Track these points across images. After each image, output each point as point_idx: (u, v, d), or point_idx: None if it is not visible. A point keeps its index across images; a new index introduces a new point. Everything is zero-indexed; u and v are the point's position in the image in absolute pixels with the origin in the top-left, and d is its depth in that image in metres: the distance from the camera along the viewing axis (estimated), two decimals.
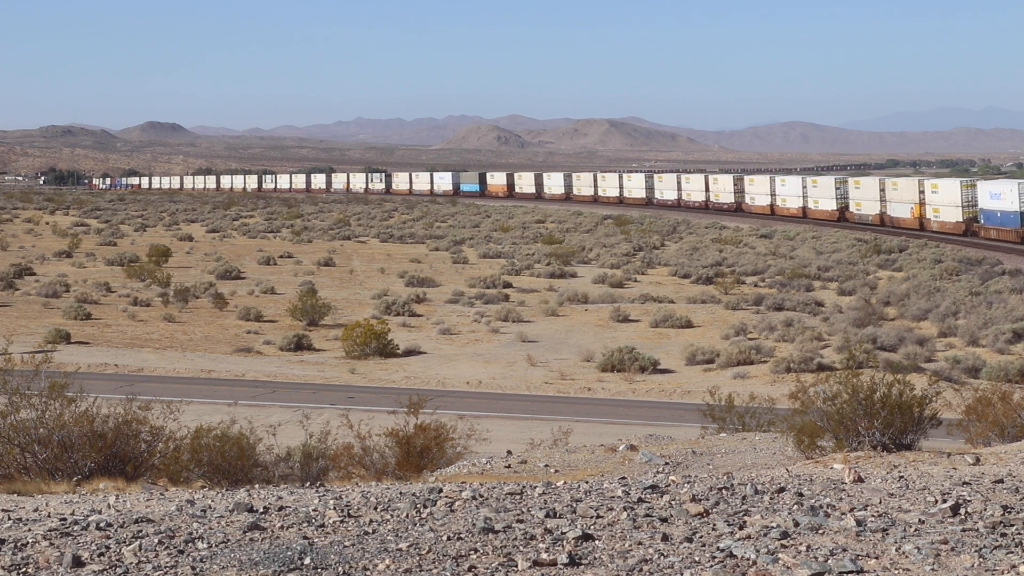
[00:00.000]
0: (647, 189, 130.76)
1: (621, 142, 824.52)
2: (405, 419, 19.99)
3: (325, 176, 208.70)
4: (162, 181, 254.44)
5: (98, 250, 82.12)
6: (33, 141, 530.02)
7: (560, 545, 8.46)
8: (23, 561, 8.31)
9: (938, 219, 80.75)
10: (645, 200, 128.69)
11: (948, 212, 79.56)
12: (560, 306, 53.58)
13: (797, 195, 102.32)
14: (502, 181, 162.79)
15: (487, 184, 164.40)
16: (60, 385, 16.16)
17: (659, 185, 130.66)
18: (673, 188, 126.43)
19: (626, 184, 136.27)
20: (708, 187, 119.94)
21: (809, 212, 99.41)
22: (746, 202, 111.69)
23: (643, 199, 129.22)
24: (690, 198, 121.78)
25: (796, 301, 52.56)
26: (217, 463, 16.70)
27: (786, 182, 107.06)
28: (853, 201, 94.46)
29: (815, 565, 7.69)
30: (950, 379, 34.58)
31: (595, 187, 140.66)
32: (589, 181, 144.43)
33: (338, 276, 67.97)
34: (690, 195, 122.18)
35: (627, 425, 31.03)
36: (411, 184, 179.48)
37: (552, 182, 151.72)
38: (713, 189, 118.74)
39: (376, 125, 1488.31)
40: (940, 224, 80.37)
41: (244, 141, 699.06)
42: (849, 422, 15.97)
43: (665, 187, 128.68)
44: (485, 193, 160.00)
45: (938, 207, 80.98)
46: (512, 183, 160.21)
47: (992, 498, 10.02)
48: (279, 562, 8.12)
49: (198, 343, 45.76)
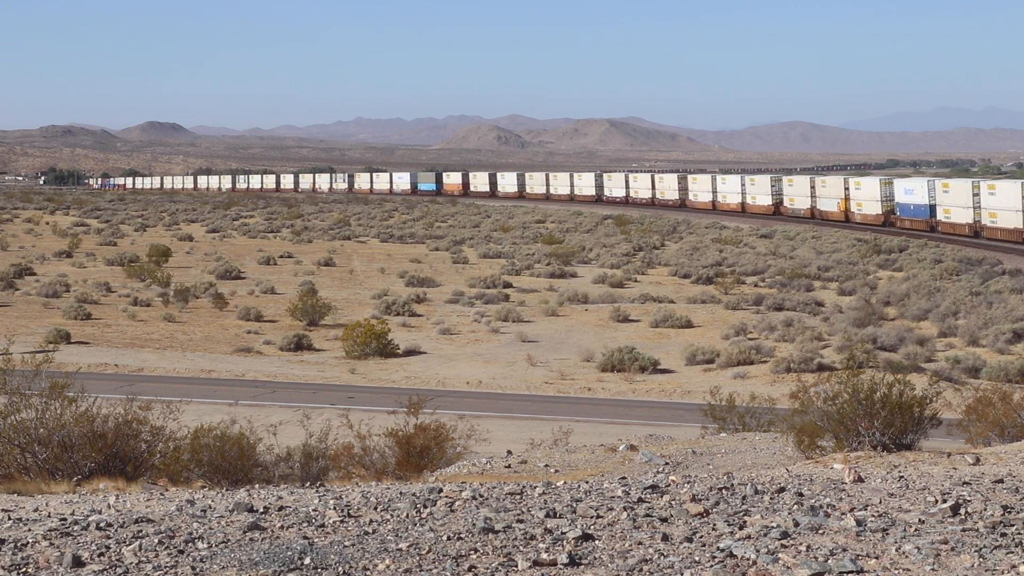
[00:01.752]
0: (597, 188, 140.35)
1: (621, 142, 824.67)
2: (405, 419, 19.99)
3: (293, 177, 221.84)
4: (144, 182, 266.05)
5: (98, 250, 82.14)
6: (33, 141, 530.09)
7: (560, 545, 8.47)
8: (23, 561, 8.31)
9: (861, 212, 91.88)
10: (595, 197, 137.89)
11: (869, 206, 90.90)
12: (560, 306, 53.58)
13: (736, 192, 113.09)
14: (457, 181, 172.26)
15: (443, 183, 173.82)
16: (60, 385, 16.16)
17: (608, 184, 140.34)
18: (621, 186, 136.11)
19: (577, 183, 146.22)
20: (654, 185, 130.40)
21: (747, 207, 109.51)
22: (689, 199, 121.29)
23: (593, 196, 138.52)
24: (637, 195, 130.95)
25: (796, 301, 52.56)
26: (217, 463, 16.71)
27: (726, 180, 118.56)
28: (787, 197, 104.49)
29: (815, 565, 7.69)
30: (950, 379, 34.58)
31: (547, 185, 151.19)
32: (542, 180, 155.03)
33: (338, 276, 67.98)
34: (637, 192, 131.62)
35: (627, 425, 31.04)
36: (371, 184, 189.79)
37: (505, 181, 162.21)
38: (659, 187, 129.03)
39: (376, 125, 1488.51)
40: (863, 216, 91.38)
41: (244, 141, 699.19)
42: (849, 422, 15.97)
43: (614, 185, 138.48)
44: (441, 192, 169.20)
45: (861, 202, 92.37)
46: (467, 182, 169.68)
47: (992, 498, 10.02)
48: (279, 562, 8.12)
49: (198, 343, 45.76)
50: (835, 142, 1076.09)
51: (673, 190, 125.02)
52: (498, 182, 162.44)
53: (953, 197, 79.29)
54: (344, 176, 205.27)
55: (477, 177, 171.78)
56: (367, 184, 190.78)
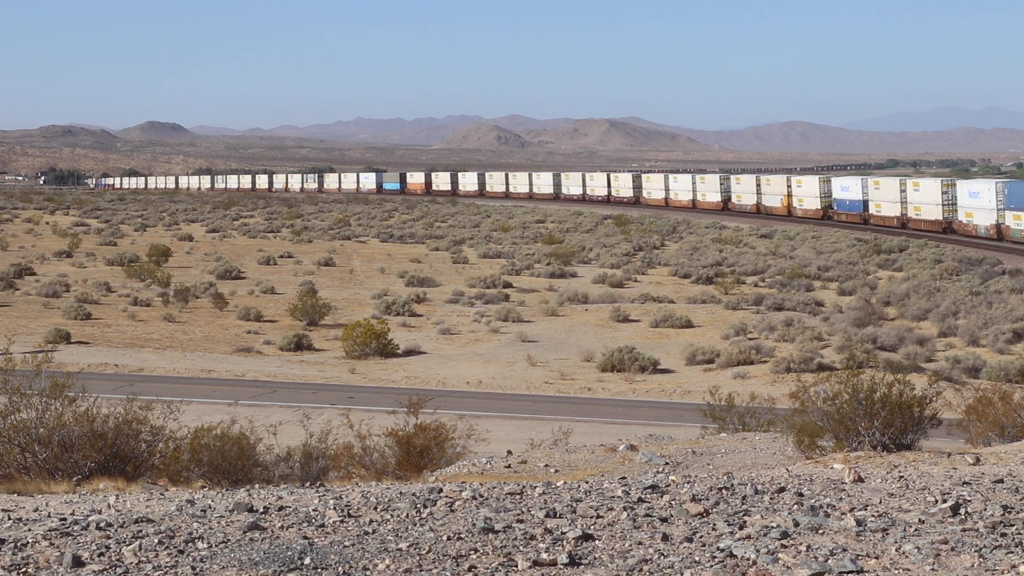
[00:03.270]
0: (555, 186, 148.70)
1: (621, 142, 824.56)
2: (405, 419, 20.00)
3: (268, 178, 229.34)
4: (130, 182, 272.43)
5: (98, 250, 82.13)
6: (33, 141, 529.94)
7: (560, 545, 8.46)
8: (23, 561, 8.31)
9: (802, 207, 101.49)
10: (553, 196, 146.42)
11: (809, 201, 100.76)
12: (560, 306, 53.58)
13: (687, 190, 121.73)
14: (420, 180, 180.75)
15: (407, 183, 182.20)
16: (60, 385, 16.16)
17: (565, 183, 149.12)
18: (578, 185, 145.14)
19: (535, 181, 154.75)
20: (610, 184, 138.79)
21: (698, 203, 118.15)
22: (643, 196, 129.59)
23: (551, 195, 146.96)
24: (594, 193, 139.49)
25: (796, 301, 52.56)
26: (217, 463, 16.70)
27: (678, 179, 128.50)
28: (735, 194, 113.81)
29: (815, 565, 7.69)
30: (950, 379, 34.58)
31: (506, 184, 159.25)
32: (501, 179, 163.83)
33: (338, 276, 67.97)
34: (593, 191, 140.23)
35: (627, 425, 31.04)
36: (340, 184, 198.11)
37: (466, 180, 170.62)
38: (615, 185, 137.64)
39: (376, 125, 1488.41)
40: (803, 211, 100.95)
41: (244, 141, 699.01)
42: (849, 422, 15.96)
43: (571, 184, 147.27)
44: (405, 191, 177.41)
45: (802, 198, 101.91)
46: (430, 181, 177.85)
47: (992, 498, 10.01)
48: (279, 562, 8.12)
49: (198, 343, 45.76)
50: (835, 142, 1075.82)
51: (628, 188, 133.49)
52: (459, 181, 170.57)
53: (883, 193, 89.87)
54: (314, 176, 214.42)
55: (439, 177, 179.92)
56: (335, 184, 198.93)
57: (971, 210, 77.89)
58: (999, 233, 73.67)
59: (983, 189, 77.67)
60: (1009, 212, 72.79)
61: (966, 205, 79.09)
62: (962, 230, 78.65)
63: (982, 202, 76.47)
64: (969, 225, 78.05)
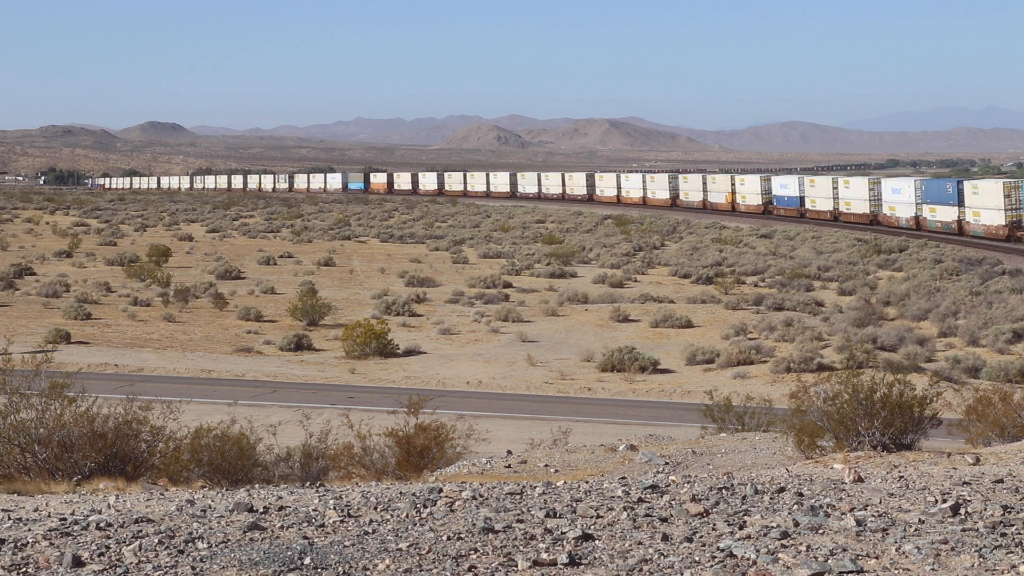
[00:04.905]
0: (511, 185, 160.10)
1: (621, 142, 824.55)
2: (405, 419, 19.99)
3: (242, 177, 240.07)
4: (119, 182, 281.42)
5: (98, 250, 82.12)
6: (33, 141, 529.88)
7: (560, 545, 8.46)
8: (23, 561, 8.31)
9: (745, 203, 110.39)
10: (509, 193, 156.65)
11: (752, 198, 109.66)
12: (560, 306, 53.57)
13: (638, 188, 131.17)
14: (383, 180, 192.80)
15: (371, 183, 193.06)
16: (60, 385, 16.15)
17: (522, 181, 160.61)
18: (534, 184, 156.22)
19: (493, 181, 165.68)
20: (564, 183, 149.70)
21: (648, 200, 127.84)
22: (596, 194, 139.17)
23: (508, 192, 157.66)
24: (548, 192, 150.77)
25: (796, 301, 52.55)
26: (217, 463, 16.70)
27: (630, 178, 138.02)
28: (683, 192, 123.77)
29: (815, 565, 7.69)
30: (950, 379, 34.56)
31: (464, 184, 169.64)
32: (459, 179, 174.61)
33: (338, 276, 67.97)
34: (548, 189, 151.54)
35: (627, 425, 31.04)
36: (308, 184, 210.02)
37: (426, 180, 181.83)
38: (568, 184, 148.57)
39: (376, 125, 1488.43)
40: (746, 207, 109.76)
41: (244, 141, 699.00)
42: (849, 422, 15.96)
43: (527, 183, 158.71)
44: (368, 191, 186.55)
45: (744, 195, 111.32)
46: (392, 181, 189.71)
47: (992, 498, 10.01)
48: (279, 562, 8.12)
49: (198, 343, 45.76)
50: (835, 142, 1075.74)
51: (581, 186, 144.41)
52: (420, 181, 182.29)
53: (818, 190, 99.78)
54: (285, 176, 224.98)
55: (400, 177, 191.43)
56: (305, 184, 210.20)
57: (894, 204, 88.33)
58: (917, 224, 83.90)
59: (904, 186, 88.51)
60: (926, 206, 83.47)
61: (890, 200, 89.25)
62: (886, 222, 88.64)
63: (903, 197, 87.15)
64: (892, 217, 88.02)
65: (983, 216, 76.33)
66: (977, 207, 77.09)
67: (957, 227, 79.13)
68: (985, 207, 75.92)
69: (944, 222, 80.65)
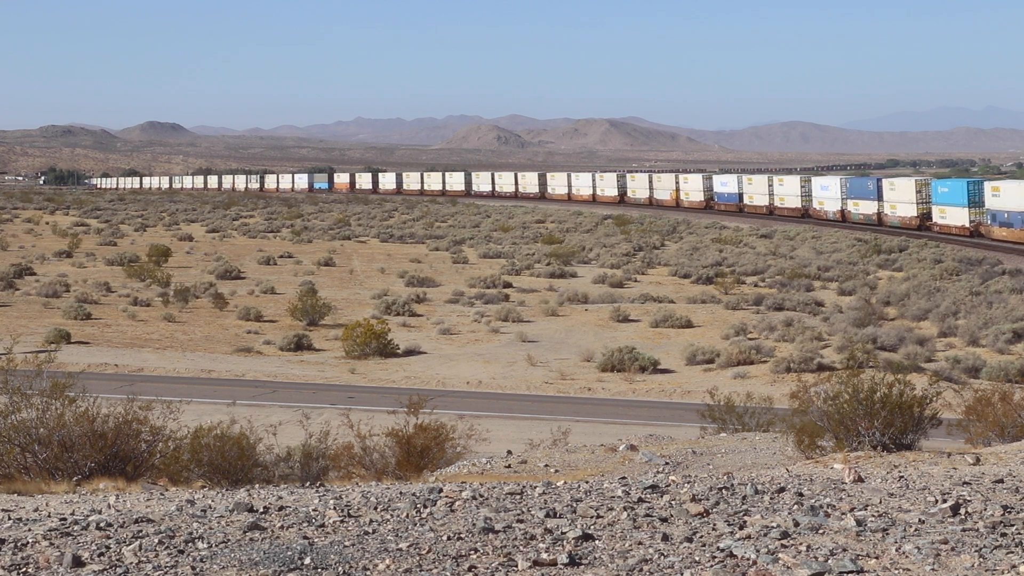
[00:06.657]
0: (466, 183, 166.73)
1: (621, 142, 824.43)
2: (405, 419, 19.98)
3: (217, 178, 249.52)
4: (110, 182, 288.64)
5: (98, 250, 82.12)
6: (33, 141, 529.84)
7: (560, 545, 8.46)
8: (23, 561, 8.30)
9: (688, 200, 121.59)
10: (464, 192, 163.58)
11: (694, 195, 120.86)
12: (560, 306, 53.57)
13: (588, 186, 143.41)
14: (346, 180, 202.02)
15: (334, 183, 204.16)
16: (61, 385, 16.15)
17: (476, 180, 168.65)
18: (488, 182, 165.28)
19: (448, 180, 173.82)
20: (517, 181, 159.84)
21: (597, 198, 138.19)
22: (548, 192, 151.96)
23: (463, 191, 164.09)
24: (503, 190, 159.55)
25: (796, 301, 52.55)
26: (217, 463, 16.69)
27: (579, 177, 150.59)
28: (630, 189, 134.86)
29: (815, 565, 7.69)
30: (950, 379, 34.54)
31: (421, 183, 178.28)
32: (417, 179, 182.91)
33: (338, 276, 67.96)
34: (502, 188, 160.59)
35: (627, 425, 31.03)
36: (278, 183, 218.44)
37: (386, 179, 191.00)
38: (521, 183, 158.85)
39: (376, 125, 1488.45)
40: (689, 203, 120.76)
41: (244, 141, 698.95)
42: (849, 422, 15.96)
43: (481, 181, 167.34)
44: (332, 190, 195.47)
45: (688, 192, 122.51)
46: (354, 181, 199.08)
47: (992, 498, 10.01)
48: (279, 562, 8.12)
49: (198, 343, 45.76)
50: (835, 142, 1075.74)
51: (534, 185, 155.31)
52: (379, 180, 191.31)
53: (755, 187, 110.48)
54: (257, 176, 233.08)
55: (362, 177, 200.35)
56: (274, 184, 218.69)
57: (823, 199, 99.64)
58: (843, 216, 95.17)
59: (831, 184, 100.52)
60: (850, 200, 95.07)
61: (819, 196, 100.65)
62: (816, 215, 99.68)
63: (830, 193, 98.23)
64: (821, 211, 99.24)
65: (899, 209, 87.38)
66: (894, 201, 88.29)
67: (877, 218, 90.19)
68: (900, 201, 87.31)
69: (866, 214, 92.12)
